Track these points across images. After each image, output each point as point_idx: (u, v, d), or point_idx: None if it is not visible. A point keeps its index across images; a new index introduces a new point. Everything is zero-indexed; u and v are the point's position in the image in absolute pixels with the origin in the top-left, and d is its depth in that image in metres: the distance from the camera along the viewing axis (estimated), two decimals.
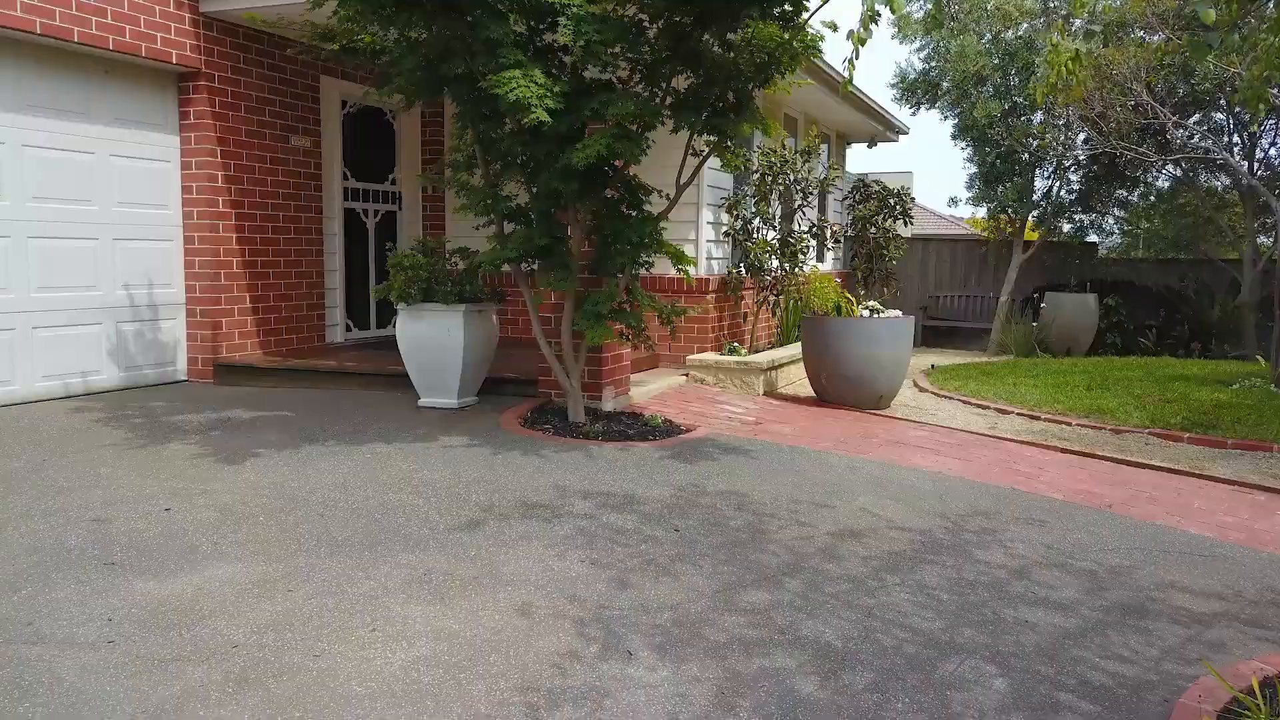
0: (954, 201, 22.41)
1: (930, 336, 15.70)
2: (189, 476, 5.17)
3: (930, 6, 14.10)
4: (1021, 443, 7.19)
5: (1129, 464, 6.60)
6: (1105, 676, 3.35)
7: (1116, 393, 9.05)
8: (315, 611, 3.54)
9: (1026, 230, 14.71)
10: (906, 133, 14.85)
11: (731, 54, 5.39)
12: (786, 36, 5.14)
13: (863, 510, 5.10)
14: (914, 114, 15.74)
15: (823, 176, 9.73)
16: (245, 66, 7.98)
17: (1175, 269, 14.61)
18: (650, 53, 5.54)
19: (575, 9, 4.97)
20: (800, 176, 9.17)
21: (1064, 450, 6.94)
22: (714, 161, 6.85)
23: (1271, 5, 3.75)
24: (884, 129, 14.18)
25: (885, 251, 13.50)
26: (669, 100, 5.81)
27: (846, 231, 14.04)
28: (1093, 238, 15.46)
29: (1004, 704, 3.10)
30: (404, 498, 4.88)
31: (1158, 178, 14.46)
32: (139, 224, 7.56)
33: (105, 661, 3.13)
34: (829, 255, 13.42)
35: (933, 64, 14.35)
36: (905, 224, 13.77)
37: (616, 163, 5.88)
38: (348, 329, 9.44)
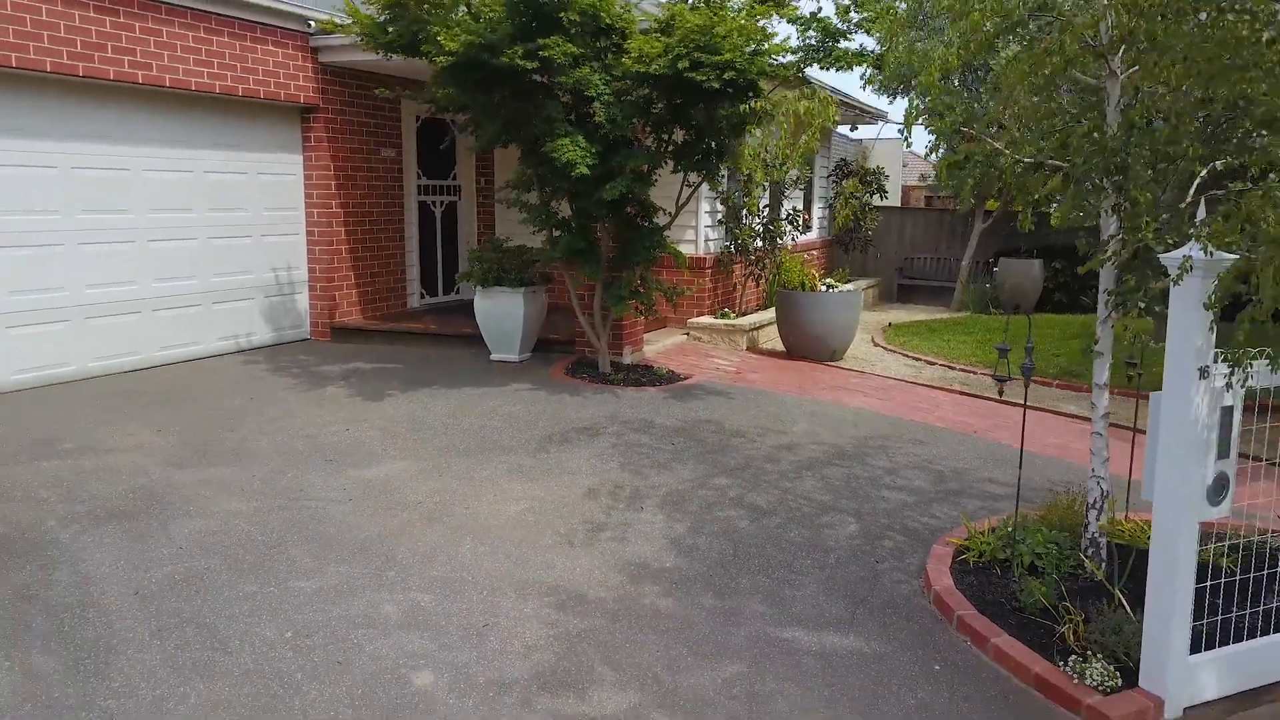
0: (924, 178, 24.50)
1: (904, 293, 17.99)
2: (350, 408, 7.73)
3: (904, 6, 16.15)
4: (932, 387, 9.65)
5: (1005, 403, 9.04)
6: (919, 525, 5.84)
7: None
8: (458, 486, 6.09)
9: (988, 202, 16.89)
10: (884, 116, 17.08)
11: (712, 121, 7.79)
12: (747, 115, 7.57)
13: (798, 433, 7.61)
14: (891, 103, 17.86)
15: (794, 178, 12.11)
16: (349, 99, 10.38)
17: None
18: (657, 117, 7.95)
19: (606, 98, 7.38)
20: (777, 177, 11.54)
21: (961, 393, 9.40)
22: None
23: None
24: (862, 114, 16.46)
25: (863, 222, 15.91)
26: (670, 149, 8.24)
27: (832, 203, 16.41)
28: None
29: (853, 534, 5.61)
30: (495, 422, 7.42)
31: None
32: (277, 223, 10.06)
33: (352, 510, 5.68)
34: (815, 226, 15.80)
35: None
36: (881, 197, 16.15)
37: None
38: (421, 296, 11.96)
